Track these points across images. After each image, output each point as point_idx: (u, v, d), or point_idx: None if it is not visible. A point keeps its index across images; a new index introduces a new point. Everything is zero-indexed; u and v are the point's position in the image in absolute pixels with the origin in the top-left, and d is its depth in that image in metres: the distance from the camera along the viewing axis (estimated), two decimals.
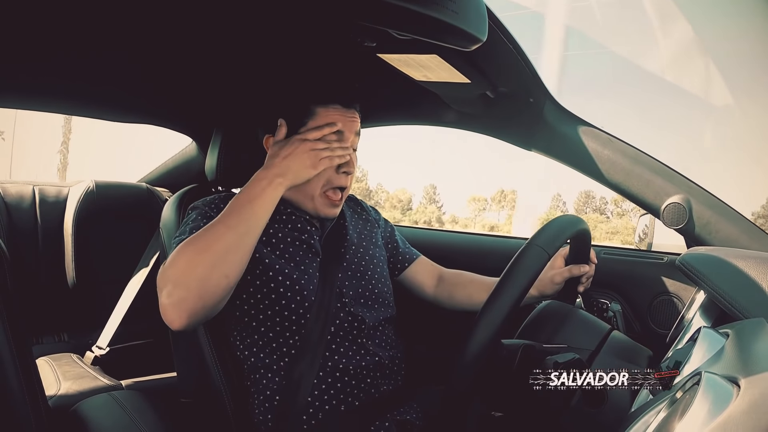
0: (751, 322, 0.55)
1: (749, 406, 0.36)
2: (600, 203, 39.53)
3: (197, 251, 0.75)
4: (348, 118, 0.91)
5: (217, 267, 0.74)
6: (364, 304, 0.94)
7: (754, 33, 36.63)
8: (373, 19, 0.65)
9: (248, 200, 0.80)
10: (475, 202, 39.74)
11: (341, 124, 0.90)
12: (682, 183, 1.01)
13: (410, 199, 37.39)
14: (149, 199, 1.80)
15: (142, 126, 1.61)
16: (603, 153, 1.05)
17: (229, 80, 1.24)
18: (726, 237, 0.97)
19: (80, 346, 1.63)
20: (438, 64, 0.89)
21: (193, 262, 0.74)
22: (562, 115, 1.09)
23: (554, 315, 0.82)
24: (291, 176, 0.83)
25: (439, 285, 1.12)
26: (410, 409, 0.95)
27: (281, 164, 0.83)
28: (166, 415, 0.95)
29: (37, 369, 0.85)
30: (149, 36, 0.99)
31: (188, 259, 0.74)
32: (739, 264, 0.68)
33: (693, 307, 0.85)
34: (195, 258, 0.74)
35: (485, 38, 0.69)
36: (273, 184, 0.81)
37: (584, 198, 40.15)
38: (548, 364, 0.63)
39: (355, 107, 0.93)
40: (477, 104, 1.11)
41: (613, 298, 1.17)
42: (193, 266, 0.74)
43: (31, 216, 1.65)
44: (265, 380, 0.88)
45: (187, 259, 0.74)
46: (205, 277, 0.73)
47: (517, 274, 0.64)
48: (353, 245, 0.99)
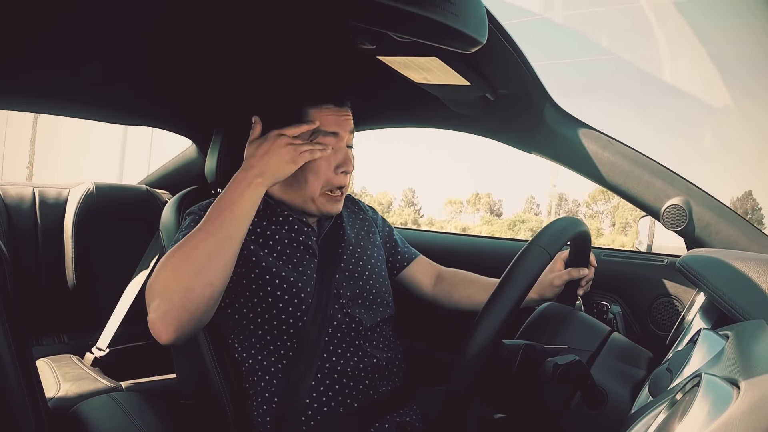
0: (751, 324, 0.55)
1: (749, 407, 0.36)
2: (573, 205, 40.43)
3: (179, 261, 0.73)
4: (342, 117, 0.91)
5: (200, 276, 0.72)
6: (362, 305, 0.94)
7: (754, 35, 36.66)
8: (372, 22, 0.65)
9: (228, 204, 0.77)
10: (451, 204, 40.79)
11: (336, 127, 0.89)
12: (681, 185, 1.01)
13: (391, 202, 38.37)
14: (149, 200, 1.81)
15: (109, 127, 1.60)
16: (603, 155, 1.06)
17: (229, 82, 1.25)
18: (726, 239, 0.97)
19: (80, 348, 1.62)
20: (438, 66, 0.90)
21: (176, 272, 0.72)
22: (562, 118, 1.10)
23: (554, 316, 0.82)
24: (270, 174, 0.80)
25: (438, 284, 1.12)
26: (410, 411, 0.95)
27: (259, 163, 0.80)
28: (165, 417, 0.95)
29: (37, 370, 0.85)
30: (149, 38, 0.99)
31: (170, 270, 0.73)
32: (739, 266, 0.69)
33: (693, 308, 0.85)
34: (177, 268, 0.73)
35: (485, 41, 0.69)
36: (252, 184, 0.78)
37: (557, 200, 40.97)
38: (548, 366, 0.63)
39: (347, 105, 0.93)
40: (477, 107, 1.11)
41: (613, 300, 1.17)
42: (176, 277, 0.72)
43: (31, 217, 1.64)
44: (263, 382, 0.88)
45: (170, 270, 0.73)
46: (188, 287, 0.72)
47: (519, 274, 0.64)
48: (351, 246, 0.99)
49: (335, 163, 0.90)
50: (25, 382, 0.79)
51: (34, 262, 1.63)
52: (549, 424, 0.71)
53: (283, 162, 0.81)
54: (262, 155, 0.80)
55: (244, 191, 0.78)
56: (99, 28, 0.92)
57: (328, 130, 0.89)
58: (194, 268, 0.72)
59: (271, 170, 0.80)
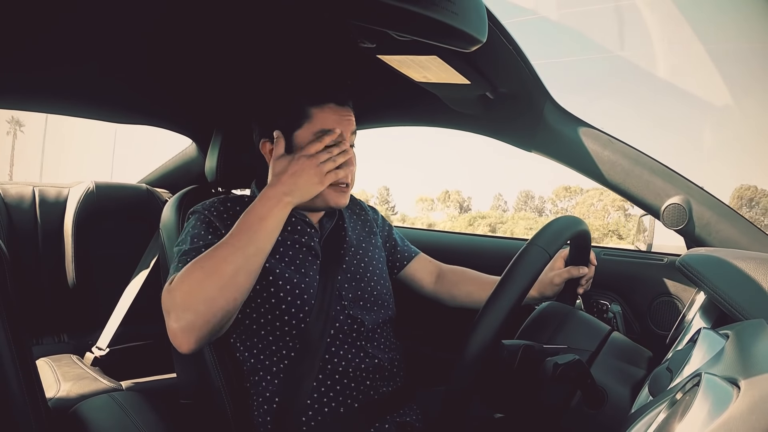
0: (751, 323, 0.55)
1: (749, 407, 0.36)
2: (539, 202, 41.20)
3: (205, 274, 0.73)
4: (344, 117, 0.90)
5: (225, 290, 0.73)
6: (363, 306, 0.94)
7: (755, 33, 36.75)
8: (372, 21, 0.65)
9: (257, 219, 0.78)
10: (422, 202, 41.73)
11: (338, 126, 0.89)
12: (682, 184, 1.01)
13: (368, 200, 39.90)
14: (149, 200, 1.81)
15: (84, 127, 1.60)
16: (603, 154, 1.05)
17: (229, 81, 1.25)
18: (726, 238, 0.97)
19: (80, 347, 1.63)
20: (438, 65, 0.89)
21: (202, 285, 0.73)
22: (562, 116, 1.09)
23: (554, 316, 0.82)
24: (298, 194, 0.81)
25: (438, 282, 1.12)
26: (410, 411, 0.95)
27: (288, 181, 0.81)
28: (165, 417, 0.95)
29: (37, 370, 0.85)
30: (149, 37, 0.99)
31: (196, 282, 0.73)
32: (739, 265, 0.68)
33: (693, 308, 0.85)
34: (203, 281, 0.73)
35: (485, 39, 0.69)
36: (281, 203, 0.79)
37: (524, 197, 41.77)
38: (548, 365, 0.63)
39: (349, 105, 0.93)
40: (477, 105, 1.11)
41: (613, 299, 1.17)
42: (201, 290, 0.72)
43: (31, 217, 1.65)
44: (264, 382, 0.88)
45: (195, 282, 0.73)
46: (213, 301, 0.72)
47: (518, 275, 0.63)
48: (352, 247, 0.99)
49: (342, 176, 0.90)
50: (25, 382, 0.79)
51: (34, 261, 1.64)
52: (549, 424, 0.71)
53: (311, 183, 0.82)
54: (291, 174, 0.82)
55: (272, 208, 0.79)
56: (99, 28, 0.92)
57: (330, 129, 0.89)
58: (221, 282, 0.73)
59: (300, 191, 0.81)
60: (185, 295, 0.73)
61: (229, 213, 0.90)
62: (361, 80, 1.20)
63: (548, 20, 39.84)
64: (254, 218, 0.78)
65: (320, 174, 0.83)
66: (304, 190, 0.82)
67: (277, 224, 0.79)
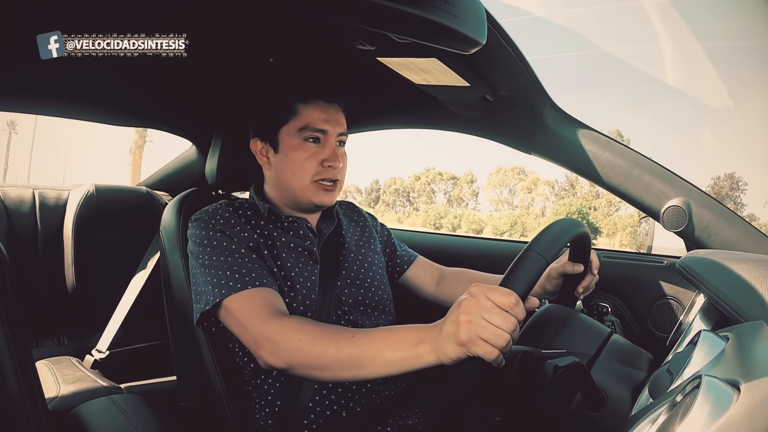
0: (751, 325, 0.55)
1: (749, 409, 0.36)
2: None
3: (322, 349, 0.70)
4: (331, 115, 0.90)
5: (325, 370, 0.71)
6: (364, 311, 0.94)
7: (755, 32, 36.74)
8: (372, 23, 0.65)
9: (398, 359, 0.65)
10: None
11: (325, 124, 0.89)
12: (681, 186, 1.01)
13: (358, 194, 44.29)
14: (149, 202, 1.81)
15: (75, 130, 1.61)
16: (602, 156, 1.05)
17: (229, 84, 1.25)
18: (726, 240, 0.97)
19: (80, 350, 1.62)
20: (437, 67, 0.90)
21: (310, 354, 0.71)
22: (561, 118, 1.10)
23: (554, 319, 0.82)
24: (446, 359, 0.61)
25: (440, 284, 1.11)
26: (412, 414, 0.94)
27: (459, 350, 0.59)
28: (165, 419, 0.95)
29: (37, 372, 0.85)
30: None
31: (307, 348, 0.71)
32: (738, 267, 0.68)
33: (693, 310, 0.85)
34: (313, 354, 0.71)
35: (484, 41, 0.69)
36: (430, 361, 0.63)
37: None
38: (548, 368, 0.63)
39: (338, 103, 0.92)
40: (476, 107, 1.11)
41: (613, 301, 1.17)
42: (308, 356, 0.71)
43: (31, 220, 1.65)
44: (266, 386, 0.88)
45: (306, 347, 0.71)
46: (314, 363, 0.71)
47: (516, 281, 0.63)
48: (351, 253, 0.99)
49: (321, 158, 0.90)
50: (25, 384, 0.78)
51: (34, 264, 1.63)
52: (549, 427, 0.70)
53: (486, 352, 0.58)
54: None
55: (417, 360, 0.64)
56: (99, 29, 0.92)
57: (316, 127, 0.89)
58: (326, 362, 0.70)
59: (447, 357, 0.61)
60: (290, 348, 0.72)
61: (234, 216, 0.90)
62: (360, 83, 1.20)
63: (548, 21, 39.96)
64: (396, 352, 0.65)
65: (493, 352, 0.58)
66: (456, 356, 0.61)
67: (404, 369, 0.65)
